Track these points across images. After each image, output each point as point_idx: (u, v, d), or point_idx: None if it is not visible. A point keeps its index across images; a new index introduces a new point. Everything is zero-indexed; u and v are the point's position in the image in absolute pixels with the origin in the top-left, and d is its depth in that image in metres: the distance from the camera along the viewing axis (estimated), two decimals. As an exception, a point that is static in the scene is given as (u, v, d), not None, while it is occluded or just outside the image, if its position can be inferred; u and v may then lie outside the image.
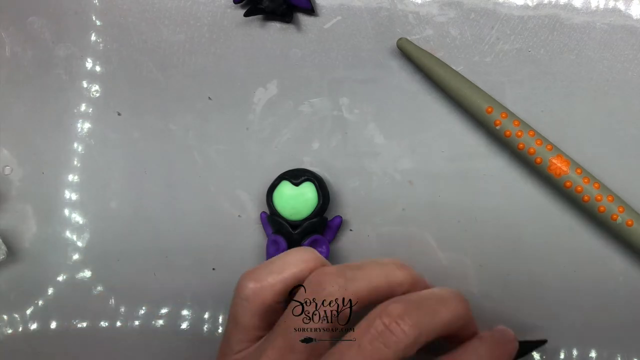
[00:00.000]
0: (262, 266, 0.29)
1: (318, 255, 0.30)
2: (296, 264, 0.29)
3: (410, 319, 0.26)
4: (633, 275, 0.36)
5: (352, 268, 0.28)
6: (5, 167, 0.40)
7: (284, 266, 0.29)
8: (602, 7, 0.36)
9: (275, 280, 0.29)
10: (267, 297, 0.28)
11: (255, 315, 0.28)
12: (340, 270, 0.28)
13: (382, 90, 0.38)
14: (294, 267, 0.29)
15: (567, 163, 0.34)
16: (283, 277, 0.29)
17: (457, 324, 0.28)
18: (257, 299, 0.28)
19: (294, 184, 0.36)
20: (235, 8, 0.38)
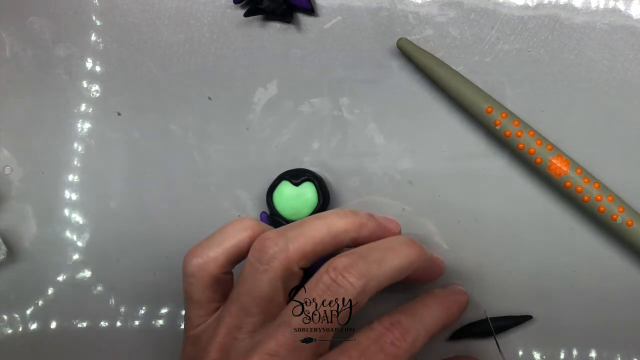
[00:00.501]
0: (204, 241, 0.30)
1: (258, 223, 0.31)
2: (235, 234, 0.30)
3: (355, 270, 0.26)
4: (633, 275, 0.36)
5: (292, 227, 0.29)
6: (5, 167, 0.40)
7: (224, 238, 0.30)
8: (602, 7, 0.36)
9: (217, 253, 0.29)
10: (212, 270, 0.29)
11: (206, 289, 0.29)
12: (280, 232, 0.29)
13: (382, 90, 0.38)
14: (233, 237, 0.30)
15: (567, 163, 0.34)
16: (224, 248, 0.29)
17: (409, 269, 0.29)
18: (203, 274, 0.29)
19: (294, 184, 0.36)
20: (235, 8, 0.38)
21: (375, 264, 0.27)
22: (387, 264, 0.28)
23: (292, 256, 0.28)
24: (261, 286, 0.27)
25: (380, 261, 0.27)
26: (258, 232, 0.30)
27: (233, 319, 0.28)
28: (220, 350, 0.27)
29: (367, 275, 0.27)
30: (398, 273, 0.28)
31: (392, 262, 0.28)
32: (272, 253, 0.28)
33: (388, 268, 0.27)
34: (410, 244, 0.29)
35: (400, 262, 0.28)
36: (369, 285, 0.27)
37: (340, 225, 0.29)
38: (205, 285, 0.30)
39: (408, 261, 0.29)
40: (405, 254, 0.29)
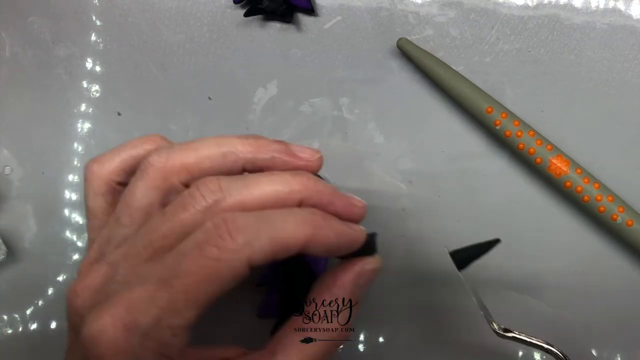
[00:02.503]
0: (106, 152, 0.30)
1: (164, 139, 0.30)
2: (135, 145, 0.29)
3: (239, 226, 0.23)
4: (633, 275, 0.36)
5: (184, 142, 0.28)
6: (5, 167, 0.40)
7: (125, 147, 0.29)
8: (602, 7, 0.36)
9: (113, 160, 0.29)
10: (104, 176, 0.28)
11: (97, 195, 0.28)
12: (169, 145, 0.28)
13: (382, 90, 0.38)
14: (132, 148, 0.29)
15: (567, 163, 0.34)
16: (121, 157, 0.29)
17: (303, 247, 0.25)
18: (95, 178, 0.29)
19: (294, 184, 0.36)
20: (235, 8, 0.38)
21: (268, 228, 0.23)
22: (280, 234, 0.23)
23: (171, 166, 0.26)
24: (134, 194, 0.26)
25: (274, 227, 0.23)
26: (158, 147, 0.28)
27: (106, 230, 0.27)
28: (90, 265, 0.26)
29: (252, 237, 0.23)
30: (289, 247, 0.24)
31: (286, 233, 0.23)
32: (151, 160, 0.26)
33: (280, 238, 0.23)
34: (312, 220, 0.24)
35: (295, 235, 0.24)
36: (250, 252, 0.23)
37: (233, 143, 0.27)
38: (97, 192, 0.28)
39: (304, 238, 0.24)
40: (302, 230, 0.24)
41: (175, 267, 0.22)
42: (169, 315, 0.22)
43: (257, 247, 0.23)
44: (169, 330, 0.22)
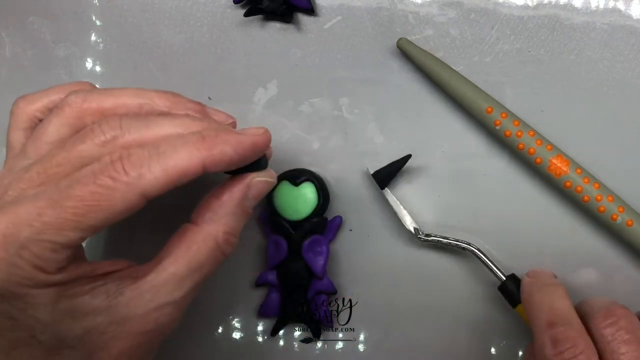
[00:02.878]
0: (36, 91, 0.30)
1: (92, 86, 0.30)
2: (64, 89, 0.29)
3: (134, 159, 0.24)
4: (633, 275, 0.36)
5: (105, 89, 0.29)
6: (5, 167, 0.40)
7: (52, 89, 0.30)
8: (602, 7, 0.36)
9: (40, 99, 0.29)
10: (29, 112, 0.29)
11: (19, 130, 0.29)
12: (90, 89, 0.29)
13: (382, 90, 0.38)
14: (61, 90, 0.29)
15: (567, 163, 0.34)
16: (48, 97, 0.29)
17: (196, 172, 0.26)
18: (21, 114, 0.29)
19: (294, 184, 0.36)
20: (235, 8, 0.38)
21: (160, 159, 0.25)
22: (172, 163, 0.25)
23: (87, 107, 0.27)
24: (46, 129, 0.27)
25: (166, 158, 0.25)
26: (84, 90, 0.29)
27: (11, 160, 0.27)
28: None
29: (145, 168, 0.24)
30: (185, 174, 0.25)
31: (178, 162, 0.25)
32: (68, 100, 0.27)
33: (173, 167, 0.25)
34: (204, 143, 0.25)
35: (189, 162, 0.25)
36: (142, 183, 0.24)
37: (150, 96, 0.28)
38: (19, 126, 0.29)
39: (199, 163, 0.25)
40: (196, 155, 0.25)
41: (67, 191, 0.23)
42: (51, 232, 0.23)
43: (151, 179, 0.24)
44: (48, 245, 0.23)
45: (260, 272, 0.37)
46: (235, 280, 0.38)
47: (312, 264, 0.36)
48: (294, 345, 0.37)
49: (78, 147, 0.25)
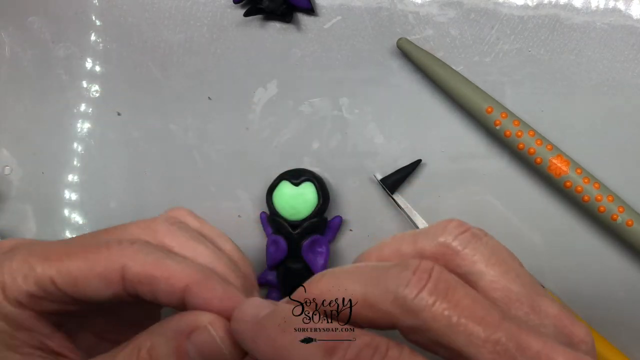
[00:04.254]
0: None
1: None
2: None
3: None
4: (633, 275, 0.36)
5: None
6: (5, 167, 0.40)
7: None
8: (602, 7, 0.36)
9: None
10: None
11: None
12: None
13: (382, 90, 0.38)
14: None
15: (567, 163, 0.34)
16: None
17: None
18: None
19: (294, 184, 0.36)
20: (235, 8, 0.38)
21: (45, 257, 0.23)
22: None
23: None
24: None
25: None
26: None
27: None
28: None
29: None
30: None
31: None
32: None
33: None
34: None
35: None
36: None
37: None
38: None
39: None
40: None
41: (72, 245, 0.23)
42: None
43: (140, 259, 0.22)
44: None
45: (260, 272, 0.37)
46: (235, 280, 0.38)
47: (312, 264, 0.36)
48: (294, 345, 0.37)
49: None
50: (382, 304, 0.19)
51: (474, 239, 0.22)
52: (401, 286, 0.19)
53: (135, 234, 0.25)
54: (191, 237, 0.26)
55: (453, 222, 0.22)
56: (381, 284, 0.20)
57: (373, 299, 0.20)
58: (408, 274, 0.19)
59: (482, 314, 0.18)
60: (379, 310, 0.19)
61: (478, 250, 0.21)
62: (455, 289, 0.19)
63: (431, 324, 0.18)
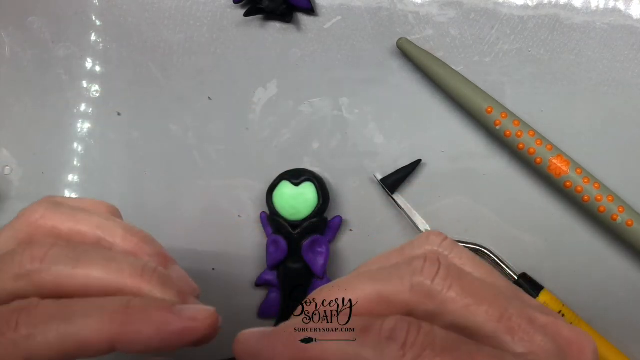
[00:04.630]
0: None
1: (60, 198, 0.27)
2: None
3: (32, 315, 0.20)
4: (633, 275, 0.36)
5: (73, 209, 0.25)
6: (5, 167, 0.40)
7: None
8: (602, 7, 0.36)
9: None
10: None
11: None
12: (56, 203, 0.26)
13: (382, 90, 0.38)
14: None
15: (567, 163, 0.34)
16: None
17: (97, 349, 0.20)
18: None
19: (294, 184, 0.36)
20: (235, 8, 0.38)
21: (62, 322, 0.20)
22: (73, 330, 0.20)
23: (41, 225, 0.24)
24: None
25: (69, 322, 0.20)
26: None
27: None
28: None
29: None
30: (87, 346, 0.20)
31: (81, 331, 0.20)
32: (26, 212, 0.25)
33: (72, 336, 0.20)
34: (122, 313, 0.20)
35: (93, 334, 0.20)
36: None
37: (115, 233, 0.24)
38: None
39: (107, 338, 0.20)
40: (106, 328, 0.20)
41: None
42: None
43: (41, 343, 0.20)
44: None
45: (260, 272, 0.37)
46: (235, 280, 0.38)
47: (312, 264, 0.36)
48: (294, 345, 0.37)
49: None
50: (399, 294, 0.20)
51: (455, 245, 0.23)
52: (416, 274, 0.20)
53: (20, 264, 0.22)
54: (88, 214, 0.24)
55: (434, 233, 0.23)
56: (394, 277, 0.20)
57: (388, 292, 0.20)
58: (420, 263, 0.20)
59: (493, 295, 0.20)
60: (395, 302, 0.20)
61: (462, 254, 0.22)
62: (464, 274, 0.20)
63: (449, 306, 0.19)
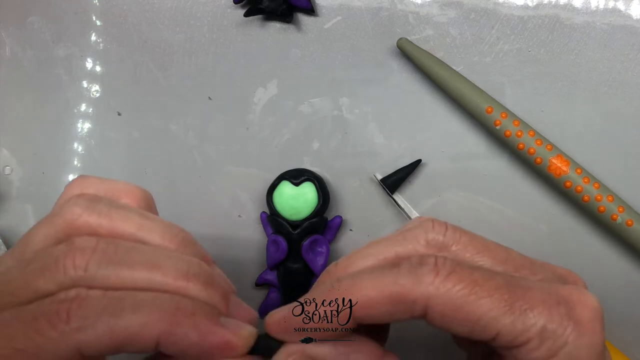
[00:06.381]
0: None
1: (94, 196, 0.25)
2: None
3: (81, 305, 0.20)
4: (633, 275, 0.36)
5: (111, 204, 0.24)
6: (5, 167, 0.40)
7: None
8: (602, 7, 0.36)
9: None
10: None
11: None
12: (94, 200, 0.24)
13: (382, 90, 0.38)
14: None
15: (567, 163, 0.34)
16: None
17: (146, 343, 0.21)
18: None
19: (294, 184, 0.36)
20: (235, 8, 0.38)
21: (112, 316, 0.20)
22: (123, 325, 0.20)
23: (80, 223, 0.23)
24: (35, 235, 0.24)
25: (120, 316, 0.20)
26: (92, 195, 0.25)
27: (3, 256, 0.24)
28: None
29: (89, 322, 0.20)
30: (135, 342, 0.20)
31: (132, 326, 0.20)
32: (66, 208, 0.24)
33: (122, 330, 0.20)
34: (172, 313, 0.20)
35: (143, 330, 0.20)
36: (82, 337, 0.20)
37: (155, 232, 0.23)
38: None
39: (155, 335, 0.20)
40: (155, 325, 0.20)
41: (4, 328, 0.20)
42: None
43: (91, 335, 0.20)
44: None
45: (260, 272, 0.37)
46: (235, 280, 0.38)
47: (312, 264, 0.36)
48: (294, 345, 0.37)
49: (37, 283, 0.21)
50: (416, 251, 0.23)
51: (457, 231, 0.24)
52: (429, 231, 0.23)
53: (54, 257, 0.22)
54: (127, 212, 0.24)
55: (430, 220, 0.24)
56: (409, 238, 0.23)
57: (406, 250, 0.23)
58: (430, 223, 0.23)
59: (495, 244, 0.23)
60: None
61: (465, 240, 0.24)
62: (467, 231, 0.22)
63: (460, 255, 0.22)
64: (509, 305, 0.20)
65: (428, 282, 0.20)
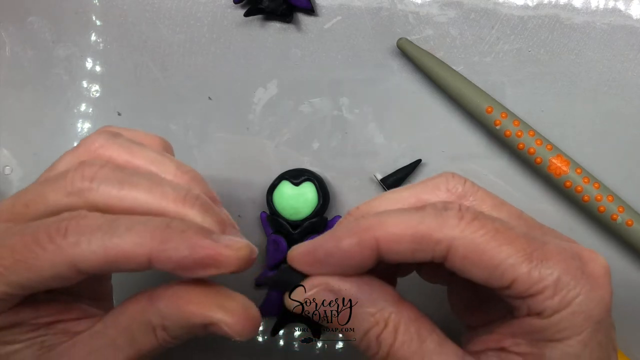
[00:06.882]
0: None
1: (116, 129, 0.27)
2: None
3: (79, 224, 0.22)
4: (633, 275, 0.36)
5: (130, 141, 0.26)
6: (5, 167, 0.40)
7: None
8: (602, 7, 0.36)
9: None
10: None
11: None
12: (115, 134, 0.26)
13: (382, 90, 0.38)
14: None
15: (567, 163, 0.34)
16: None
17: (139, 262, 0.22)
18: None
19: (294, 184, 0.36)
20: (235, 8, 0.38)
21: (107, 234, 0.21)
22: (116, 242, 0.21)
23: (100, 154, 0.25)
24: (60, 162, 0.26)
25: (113, 234, 0.21)
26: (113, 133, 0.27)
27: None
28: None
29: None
30: (128, 259, 0.21)
31: (124, 244, 0.21)
32: (89, 139, 0.26)
33: (115, 247, 0.21)
34: (162, 232, 0.21)
35: (134, 248, 0.21)
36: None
37: (169, 169, 0.25)
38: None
39: (146, 253, 0.21)
40: (146, 243, 0.21)
41: (9, 238, 0.22)
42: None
43: (86, 250, 0.21)
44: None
45: (260, 272, 0.37)
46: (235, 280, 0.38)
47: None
48: (294, 345, 0.37)
49: (47, 194, 0.23)
50: (438, 197, 0.24)
51: (475, 185, 0.25)
52: (450, 180, 0.24)
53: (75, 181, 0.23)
54: (145, 148, 0.26)
55: (450, 172, 0.25)
56: (430, 186, 0.24)
57: (428, 196, 0.24)
58: (450, 174, 0.24)
59: (509, 205, 0.25)
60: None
61: (481, 194, 0.25)
62: (492, 218, 0.22)
63: (478, 205, 0.24)
64: (528, 254, 0.21)
65: (453, 225, 0.21)
